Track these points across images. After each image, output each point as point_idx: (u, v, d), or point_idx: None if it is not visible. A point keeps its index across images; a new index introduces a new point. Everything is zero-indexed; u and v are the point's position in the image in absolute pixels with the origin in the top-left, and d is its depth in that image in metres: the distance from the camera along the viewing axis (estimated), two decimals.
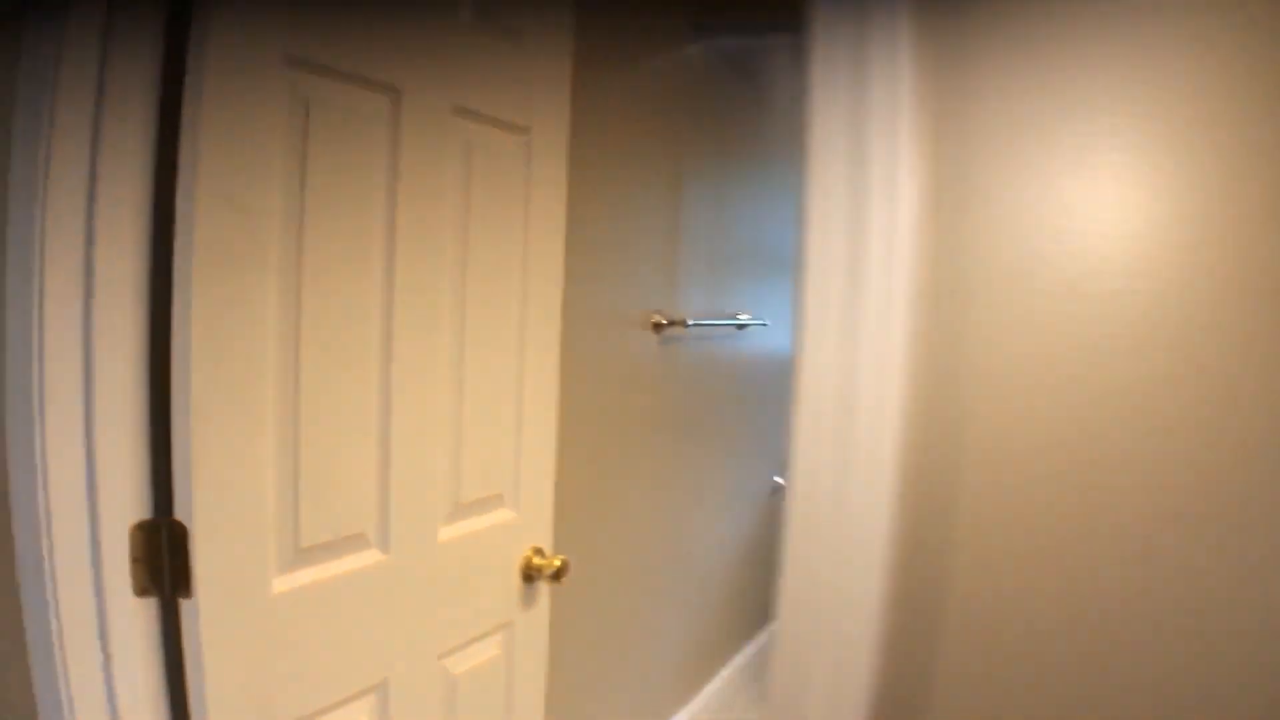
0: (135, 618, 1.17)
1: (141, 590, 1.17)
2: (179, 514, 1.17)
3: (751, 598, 4.12)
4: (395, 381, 1.47)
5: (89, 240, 1.10)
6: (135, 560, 1.16)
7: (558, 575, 1.89)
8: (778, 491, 4.27)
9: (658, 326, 2.93)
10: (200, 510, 1.17)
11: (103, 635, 1.14)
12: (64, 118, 1.05)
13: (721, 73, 3.30)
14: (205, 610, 1.19)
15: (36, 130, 1.05)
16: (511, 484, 1.83)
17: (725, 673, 3.83)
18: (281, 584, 1.31)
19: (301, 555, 1.34)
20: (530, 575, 1.88)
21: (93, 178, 1.08)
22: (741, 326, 3.60)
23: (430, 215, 1.53)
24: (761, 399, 4.00)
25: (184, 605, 1.19)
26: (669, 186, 2.97)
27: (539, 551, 1.91)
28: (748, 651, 4.06)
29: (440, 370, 1.59)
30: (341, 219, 1.36)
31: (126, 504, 1.16)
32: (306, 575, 1.36)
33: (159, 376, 1.17)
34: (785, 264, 4.14)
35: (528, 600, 1.90)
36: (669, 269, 3.02)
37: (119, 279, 1.13)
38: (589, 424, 2.54)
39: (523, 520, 1.87)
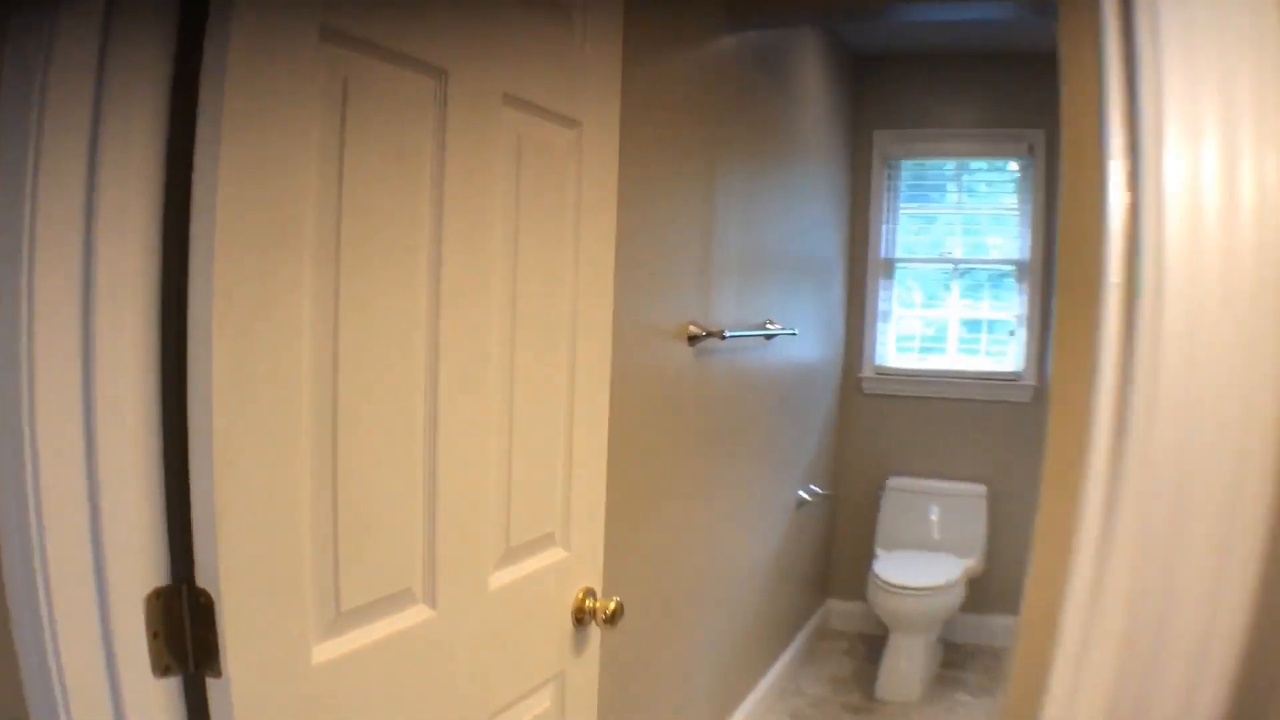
0: (156, 703, 0.98)
1: (163, 669, 0.98)
2: (202, 578, 0.98)
3: (781, 614, 3.96)
4: (443, 409, 1.30)
5: (88, 247, 0.91)
6: (153, 635, 0.97)
7: (612, 619, 1.71)
8: (803, 506, 4.11)
9: (693, 339, 2.76)
10: (228, 573, 0.99)
11: None
12: (58, 96, 0.87)
13: (751, 68, 3.15)
14: (238, 692, 1.00)
15: (26, 111, 0.86)
16: (562, 520, 1.66)
17: (756, 694, 3.66)
18: (322, 653, 1.13)
19: (343, 619, 1.16)
20: (581, 619, 1.70)
21: (92, 167, 0.90)
22: (770, 336, 3.44)
23: (479, 220, 1.35)
24: (788, 410, 3.86)
25: (211, 685, 1.00)
26: (703, 188, 2.82)
27: (590, 593, 1.73)
28: (776, 670, 3.89)
29: (490, 396, 1.41)
30: (382, 220, 1.18)
31: (140, 567, 0.97)
32: (349, 641, 1.17)
33: (173, 408, 0.97)
34: (810, 269, 4.00)
35: (578, 646, 1.72)
36: (703, 276, 2.86)
37: (125, 290, 0.94)
38: (625, 443, 2.37)
39: (574, 559, 1.69)
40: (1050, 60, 4.47)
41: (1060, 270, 2.49)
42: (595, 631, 1.76)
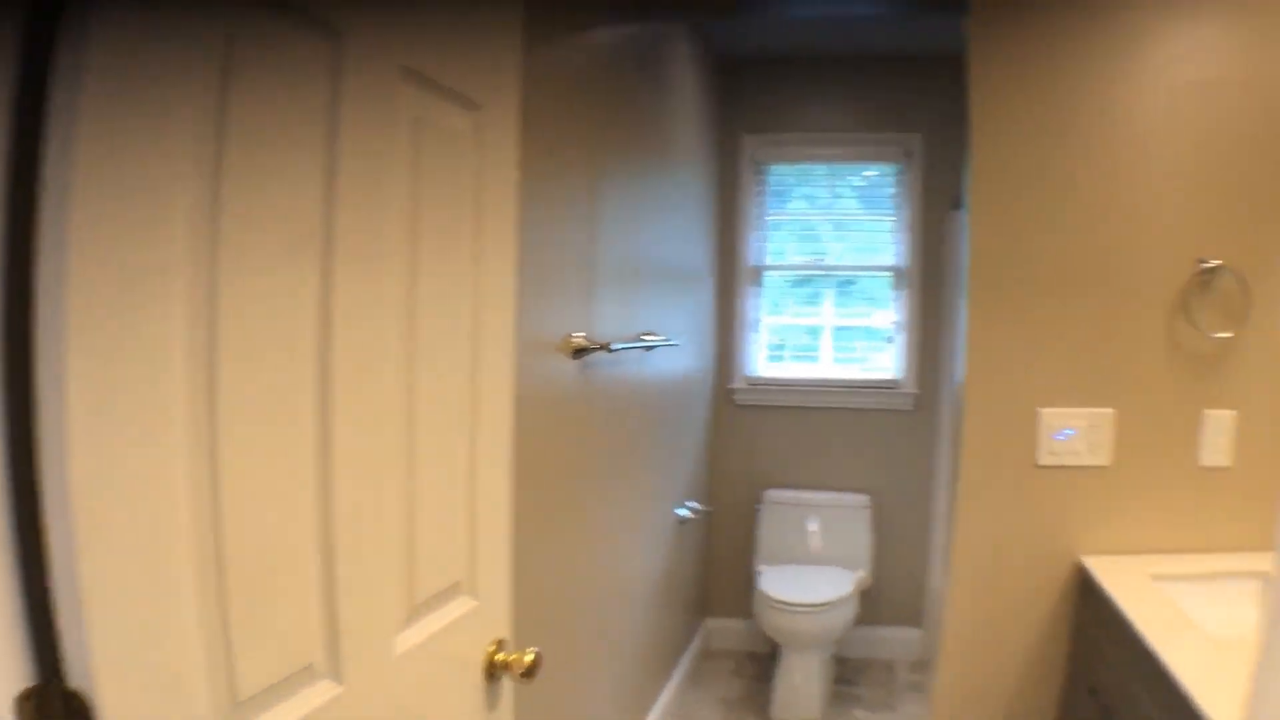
0: None
1: None
2: (74, 677, 0.76)
3: (667, 638, 3.82)
4: (338, 453, 1.11)
5: None
6: None
7: (530, 673, 1.54)
8: (684, 524, 3.98)
9: (579, 351, 2.58)
10: (103, 669, 0.78)
11: None
12: None
13: (629, 69, 3.02)
14: None
15: None
16: (468, 566, 1.49)
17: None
18: None
19: (242, 710, 0.95)
20: (494, 674, 1.53)
21: None
22: (651, 348, 3.29)
23: (376, 221, 1.18)
24: (667, 424, 3.73)
25: None
26: (586, 190, 2.66)
27: (502, 644, 1.56)
28: (665, 697, 3.79)
29: (389, 431, 1.23)
30: (268, 214, 0.97)
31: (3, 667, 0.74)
32: None
33: (23, 472, 0.75)
34: (682, 277, 3.88)
35: (491, 702, 1.57)
36: (587, 286, 2.70)
37: None
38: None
39: (483, 608, 1.53)
40: (929, 64, 4.45)
41: (972, 275, 2.45)
42: (508, 685, 1.60)
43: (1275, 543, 1.43)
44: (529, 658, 1.53)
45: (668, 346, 3.49)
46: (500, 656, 1.52)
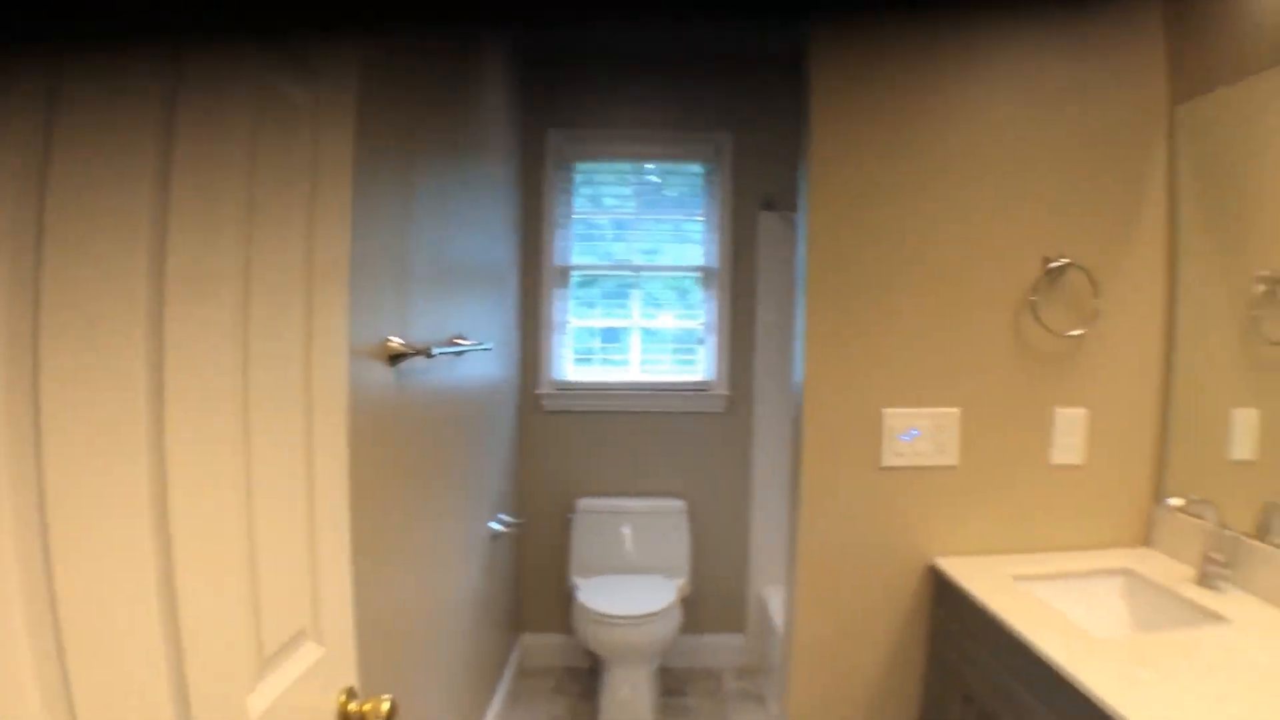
0: None
1: None
2: None
3: (487, 658, 3.65)
4: (175, 493, 0.90)
5: None
6: None
7: None
8: (498, 537, 3.81)
9: (395, 357, 2.38)
10: None
11: None
12: None
13: (442, 58, 2.83)
14: None
15: None
16: (312, 610, 1.30)
17: None
18: None
19: None
20: None
21: None
22: (461, 353, 3.12)
23: (212, 221, 0.97)
24: (480, 433, 3.56)
25: None
26: (402, 183, 2.46)
27: (352, 693, 1.37)
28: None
29: (227, 460, 1.04)
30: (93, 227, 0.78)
31: None
32: None
33: None
34: (490, 278, 3.71)
35: None
36: (401, 284, 2.49)
37: None
38: None
39: (331, 655, 1.34)
40: (741, 63, 4.41)
41: (811, 278, 2.40)
42: None
43: None
44: (385, 706, 1.35)
45: (480, 351, 3.32)
46: (353, 707, 1.34)
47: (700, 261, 4.51)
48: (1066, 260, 2.35)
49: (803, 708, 2.45)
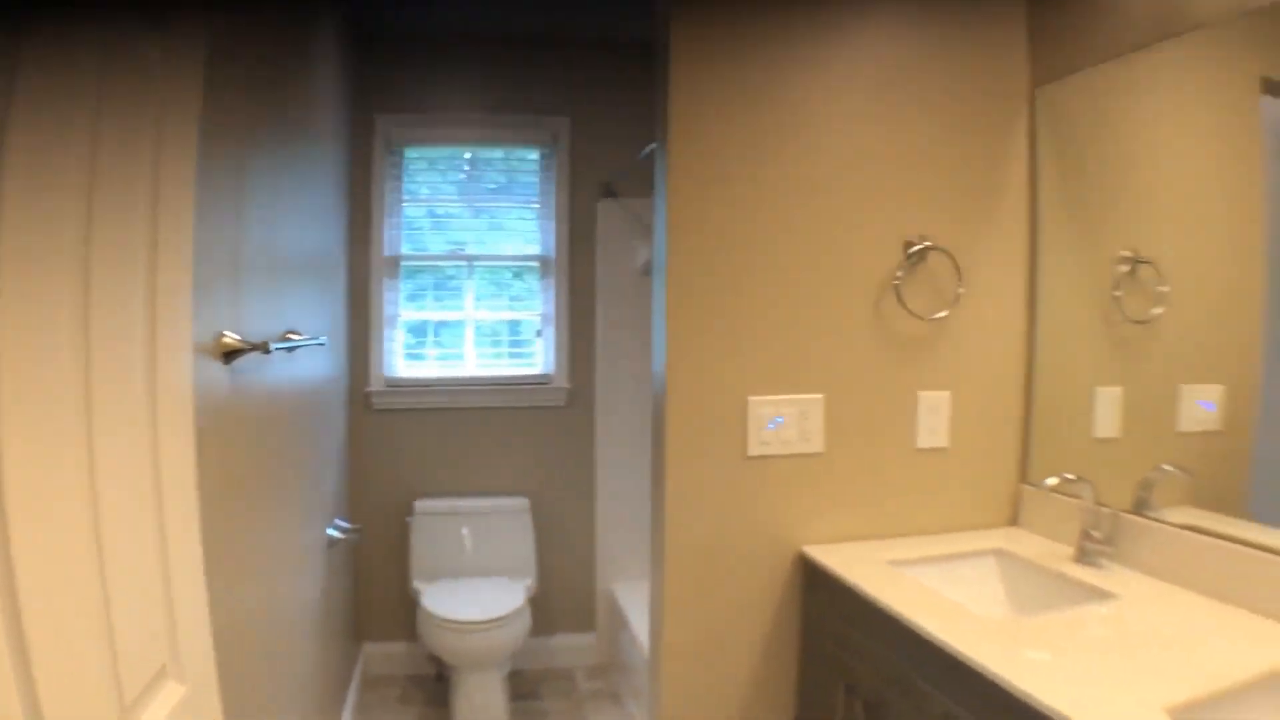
0: None
1: None
2: None
3: (332, 672, 3.44)
4: (14, 523, 0.74)
5: None
6: None
7: None
8: (335, 544, 3.60)
9: (230, 354, 2.18)
10: None
11: None
12: None
13: (275, 35, 2.63)
14: None
15: None
16: (170, 644, 1.13)
17: None
18: None
19: None
20: None
21: None
22: (293, 349, 2.91)
23: (50, 194, 0.81)
24: (313, 434, 3.35)
25: None
26: (236, 167, 2.26)
27: None
28: None
29: (70, 481, 0.86)
30: None
31: None
32: None
33: None
34: (319, 270, 3.50)
35: None
36: (234, 275, 2.29)
37: None
38: None
39: (193, 693, 1.17)
40: (578, 47, 4.31)
41: (670, 267, 2.31)
42: None
43: None
44: None
45: (314, 346, 3.12)
46: None
47: (538, 251, 4.39)
48: (928, 243, 2.35)
49: (672, 709, 2.37)
